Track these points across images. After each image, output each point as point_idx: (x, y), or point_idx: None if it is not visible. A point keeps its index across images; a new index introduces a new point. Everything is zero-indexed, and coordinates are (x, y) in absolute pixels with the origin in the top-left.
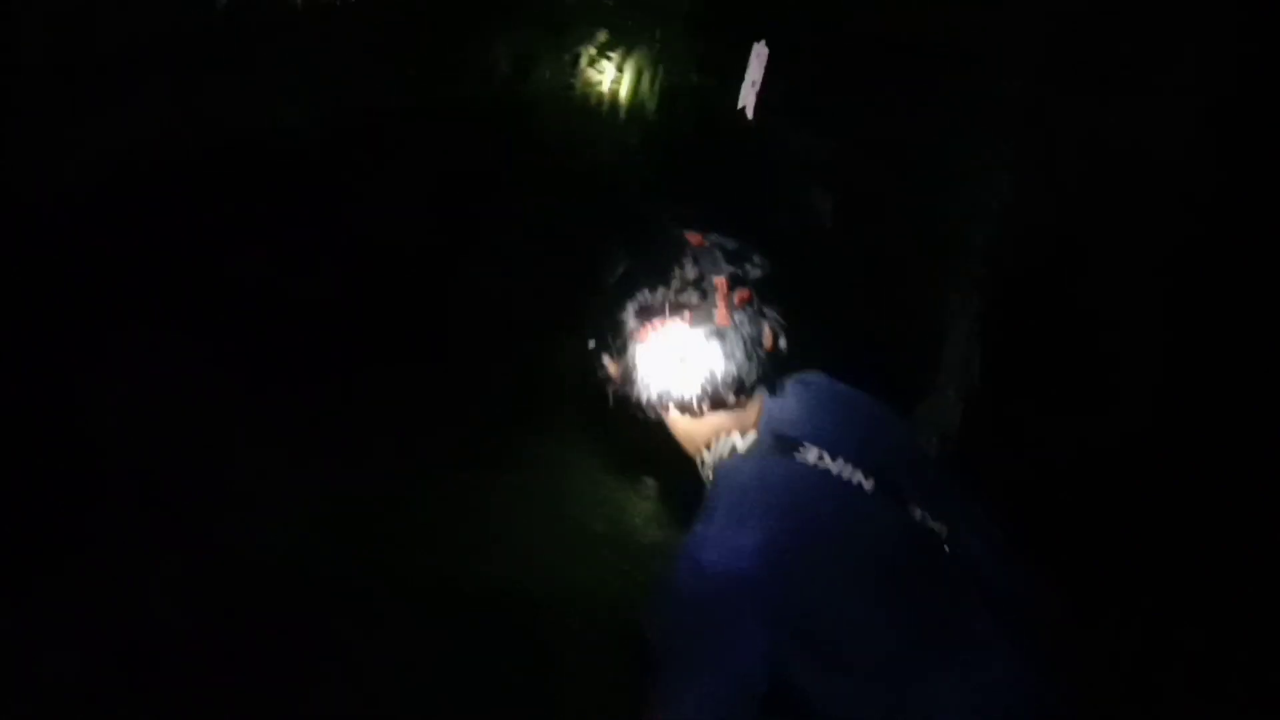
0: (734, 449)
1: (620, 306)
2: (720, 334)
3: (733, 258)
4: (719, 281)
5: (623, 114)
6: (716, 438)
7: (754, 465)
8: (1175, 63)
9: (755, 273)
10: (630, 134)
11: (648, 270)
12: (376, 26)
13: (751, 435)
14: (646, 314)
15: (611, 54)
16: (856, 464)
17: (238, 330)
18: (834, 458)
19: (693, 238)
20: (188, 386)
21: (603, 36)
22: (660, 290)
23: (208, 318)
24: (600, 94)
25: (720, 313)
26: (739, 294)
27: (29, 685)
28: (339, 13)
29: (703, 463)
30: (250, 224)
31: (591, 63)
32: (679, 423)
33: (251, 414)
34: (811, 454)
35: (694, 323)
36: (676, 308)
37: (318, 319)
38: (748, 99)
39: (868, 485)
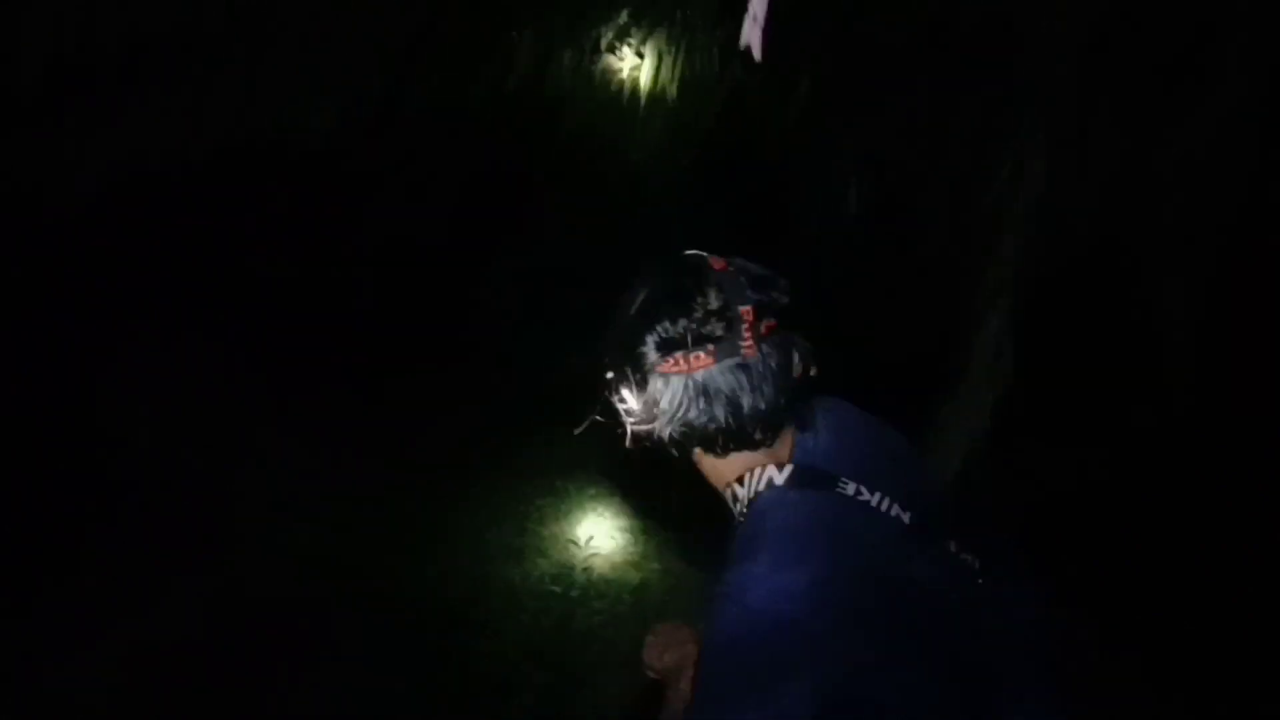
0: (771, 482)
1: (640, 338)
2: (746, 367)
3: (759, 284)
4: (744, 311)
5: (644, 103)
6: (750, 472)
7: (797, 500)
8: (1222, 55)
9: (783, 299)
10: (652, 124)
11: (669, 299)
12: (392, 19)
13: (788, 469)
14: (668, 346)
15: (631, 39)
16: (894, 497)
17: (252, 333)
18: (872, 491)
19: (716, 263)
20: (203, 390)
21: (622, 19)
22: (682, 321)
23: (223, 321)
24: (621, 82)
25: (746, 344)
26: (765, 323)
27: (41, 681)
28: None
29: (734, 498)
30: (268, 226)
31: (611, 49)
32: (704, 460)
33: (265, 417)
34: (850, 487)
35: (719, 355)
36: (700, 339)
37: (334, 322)
38: (751, 37)
39: (906, 518)
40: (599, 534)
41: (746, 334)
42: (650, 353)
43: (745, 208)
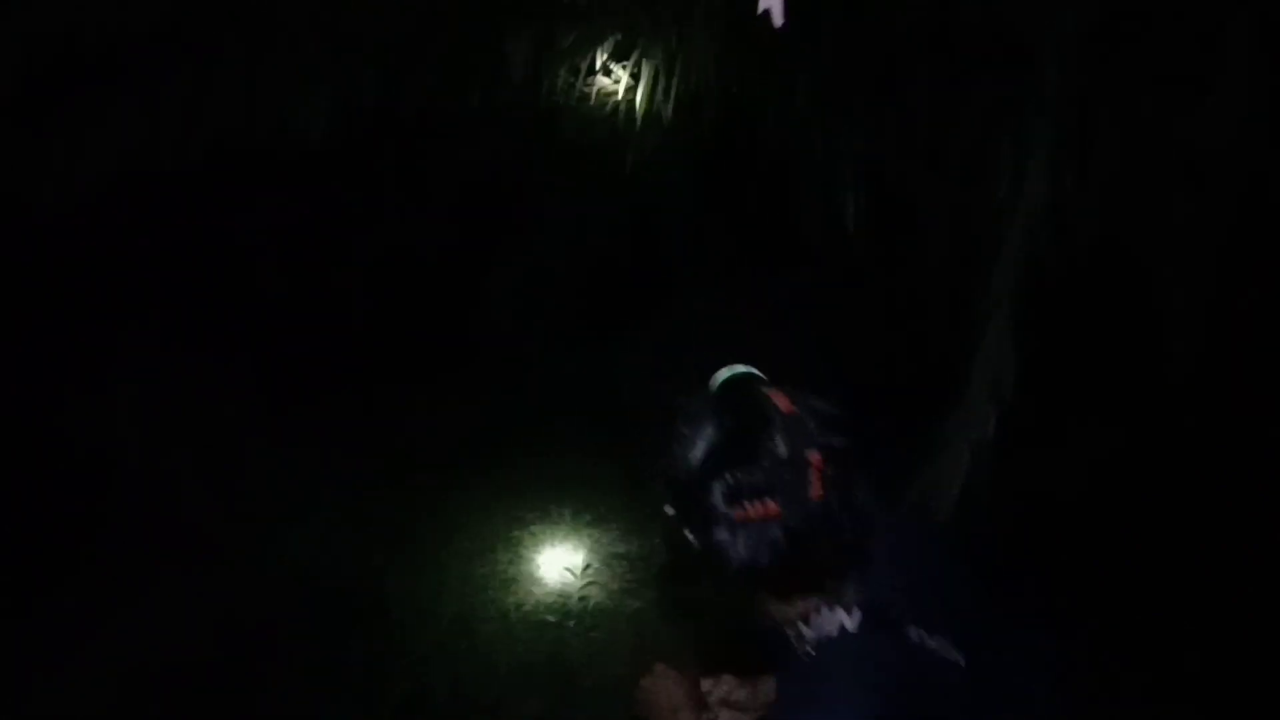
0: (842, 627)
1: (707, 488)
2: (814, 515)
3: (825, 425)
4: (813, 458)
5: (639, 121)
6: (816, 611)
7: (869, 650)
8: (1228, 55)
9: (845, 441)
10: (649, 140)
11: (736, 448)
12: (388, 30)
13: (857, 614)
14: (736, 497)
15: (626, 59)
16: (949, 637)
17: (245, 339)
18: (932, 633)
19: (780, 401)
20: (195, 398)
21: (616, 39)
22: (752, 471)
23: (215, 326)
24: (616, 102)
25: (814, 490)
26: (832, 468)
27: (33, 696)
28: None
29: (799, 636)
30: (261, 229)
31: (606, 71)
32: (770, 599)
33: (259, 426)
34: (914, 633)
35: (787, 505)
36: (769, 490)
37: (330, 329)
38: (771, 0)
39: (962, 660)
40: (595, 561)
41: (815, 480)
42: (718, 503)
43: (745, 218)
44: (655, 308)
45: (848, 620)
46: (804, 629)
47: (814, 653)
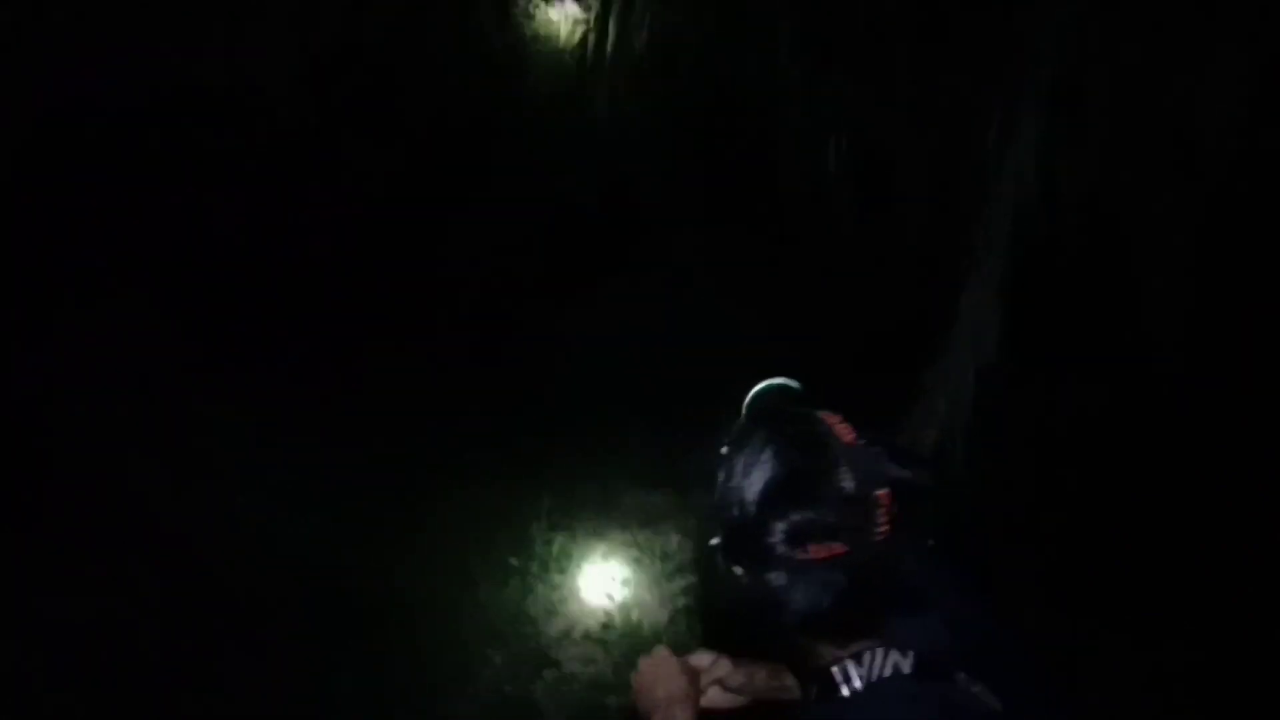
0: (898, 669)
1: (766, 528)
2: (880, 556)
3: (894, 460)
4: (881, 496)
5: (610, 56)
6: (871, 654)
7: (919, 692)
8: (1219, 29)
9: (913, 474)
10: (619, 78)
11: (798, 485)
12: None
13: (912, 656)
14: (798, 539)
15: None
16: (989, 683)
17: (200, 308)
18: (976, 680)
19: (844, 433)
20: (149, 368)
21: None
22: (818, 510)
23: (167, 295)
24: (588, 43)
25: (882, 531)
26: (900, 505)
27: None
28: None
29: (844, 675)
30: (217, 180)
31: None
32: (820, 641)
33: (214, 397)
34: (961, 678)
35: (853, 546)
36: (835, 531)
37: (288, 295)
38: None
39: (999, 706)
40: (559, 505)
41: (882, 519)
42: (778, 545)
43: (722, 170)
44: (626, 262)
45: (904, 662)
46: (852, 667)
47: (861, 688)
